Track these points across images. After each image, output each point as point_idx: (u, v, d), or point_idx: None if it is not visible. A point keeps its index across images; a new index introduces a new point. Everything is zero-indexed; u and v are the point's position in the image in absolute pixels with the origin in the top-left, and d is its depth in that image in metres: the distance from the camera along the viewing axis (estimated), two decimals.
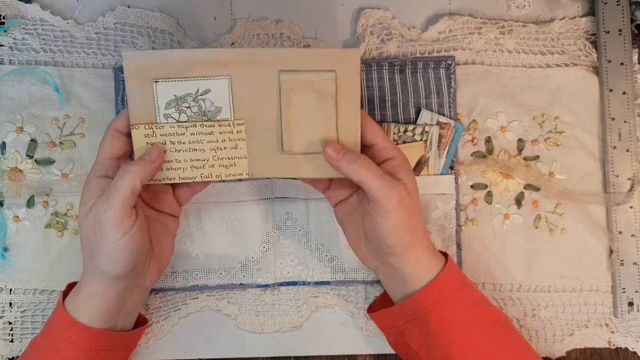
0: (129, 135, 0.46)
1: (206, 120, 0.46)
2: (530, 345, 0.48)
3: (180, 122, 0.46)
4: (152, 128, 0.46)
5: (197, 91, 0.45)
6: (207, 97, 0.46)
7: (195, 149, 0.47)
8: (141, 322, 0.53)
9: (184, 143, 0.46)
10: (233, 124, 0.46)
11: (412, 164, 0.56)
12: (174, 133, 0.46)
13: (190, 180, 0.47)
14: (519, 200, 0.57)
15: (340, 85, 0.45)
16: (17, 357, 0.56)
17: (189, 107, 0.46)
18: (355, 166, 0.44)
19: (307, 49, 0.46)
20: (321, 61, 0.45)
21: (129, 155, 0.47)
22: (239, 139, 0.47)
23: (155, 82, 0.45)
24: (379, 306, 0.52)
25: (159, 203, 0.49)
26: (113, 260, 0.44)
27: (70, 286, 0.49)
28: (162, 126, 0.46)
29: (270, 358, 0.57)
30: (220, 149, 0.47)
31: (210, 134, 0.46)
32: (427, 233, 0.49)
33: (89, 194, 0.45)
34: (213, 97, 0.46)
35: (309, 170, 0.47)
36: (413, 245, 0.46)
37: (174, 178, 0.47)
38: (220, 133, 0.46)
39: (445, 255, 0.49)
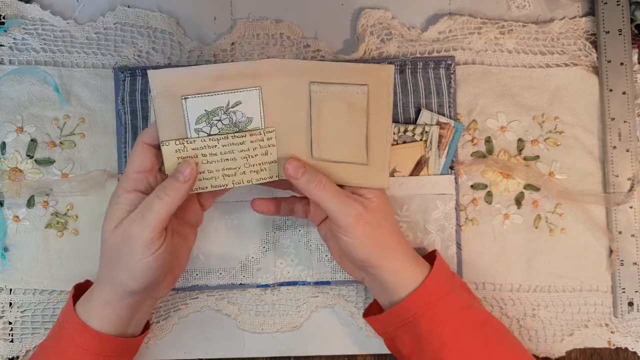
0: (158, 147, 0.45)
1: (237, 132, 0.46)
2: (523, 346, 0.48)
3: (212, 135, 0.46)
4: (182, 143, 0.45)
5: (228, 104, 0.45)
6: (237, 109, 0.45)
7: (227, 159, 0.46)
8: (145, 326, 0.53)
9: (215, 154, 0.46)
10: (264, 132, 0.46)
11: (412, 164, 0.56)
12: (205, 146, 0.46)
13: (222, 188, 0.47)
14: (518, 200, 0.57)
15: (372, 99, 0.45)
16: (18, 357, 0.56)
17: (220, 120, 0.45)
18: (312, 186, 0.45)
19: (339, 64, 0.45)
20: (353, 75, 0.45)
21: (158, 168, 0.46)
22: (269, 145, 0.47)
23: (185, 98, 0.44)
24: (375, 309, 0.52)
25: (184, 211, 0.49)
26: (134, 277, 0.44)
27: (78, 288, 0.49)
28: (193, 140, 0.45)
29: (270, 358, 0.57)
30: (252, 157, 0.47)
31: (241, 143, 0.46)
32: (405, 241, 0.49)
33: (119, 207, 0.44)
34: (244, 108, 0.45)
35: (339, 177, 0.47)
36: (387, 257, 0.47)
37: (206, 187, 0.47)
38: (251, 142, 0.46)
39: (433, 258, 0.49)
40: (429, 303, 0.46)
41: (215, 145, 0.46)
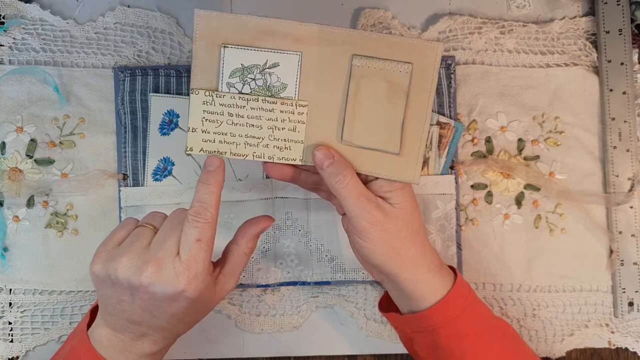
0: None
1: (269, 96, 0.44)
2: (536, 356, 0.48)
3: (243, 93, 0.44)
4: (211, 95, 0.44)
5: (266, 63, 0.44)
6: (274, 72, 0.44)
7: (252, 125, 0.45)
8: None
9: (242, 117, 0.45)
10: (296, 104, 0.45)
11: None
12: (233, 105, 0.44)
13: (242, 158, 0.45)
14: (519, 200, 0.57)
15: (415, 80, 0.43)
16: (17, 357, 0.56)
17: (253, 79, 0.44)
18: (335, 180, 0.43)
19: (387, 35, 0.44)
20: (399, 50, 0.43)
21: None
22: (298, 122, 0.45)
23: (224, 47, 0.43)
24: (389, 301, 0.51)
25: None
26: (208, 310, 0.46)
27: (89, 316, 0.46)
28: (223, 95, 0.44)
29: (270, 358, 0.57)
30: (278, 129, 0.45)
31: (271, 111, 0.45)
32: (430, 251, 0.46)
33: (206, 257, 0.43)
34: (280, 72, 0.44)
35: (366, 166, 0.45)
36: (405, 268, 0.45)
37: (225, 152, 0.45)
38: (281, 112, 0.45)
39: (453, 269, 0.48)
40: (450, 316, 0.45)
41: (244, 106, 0.44)
